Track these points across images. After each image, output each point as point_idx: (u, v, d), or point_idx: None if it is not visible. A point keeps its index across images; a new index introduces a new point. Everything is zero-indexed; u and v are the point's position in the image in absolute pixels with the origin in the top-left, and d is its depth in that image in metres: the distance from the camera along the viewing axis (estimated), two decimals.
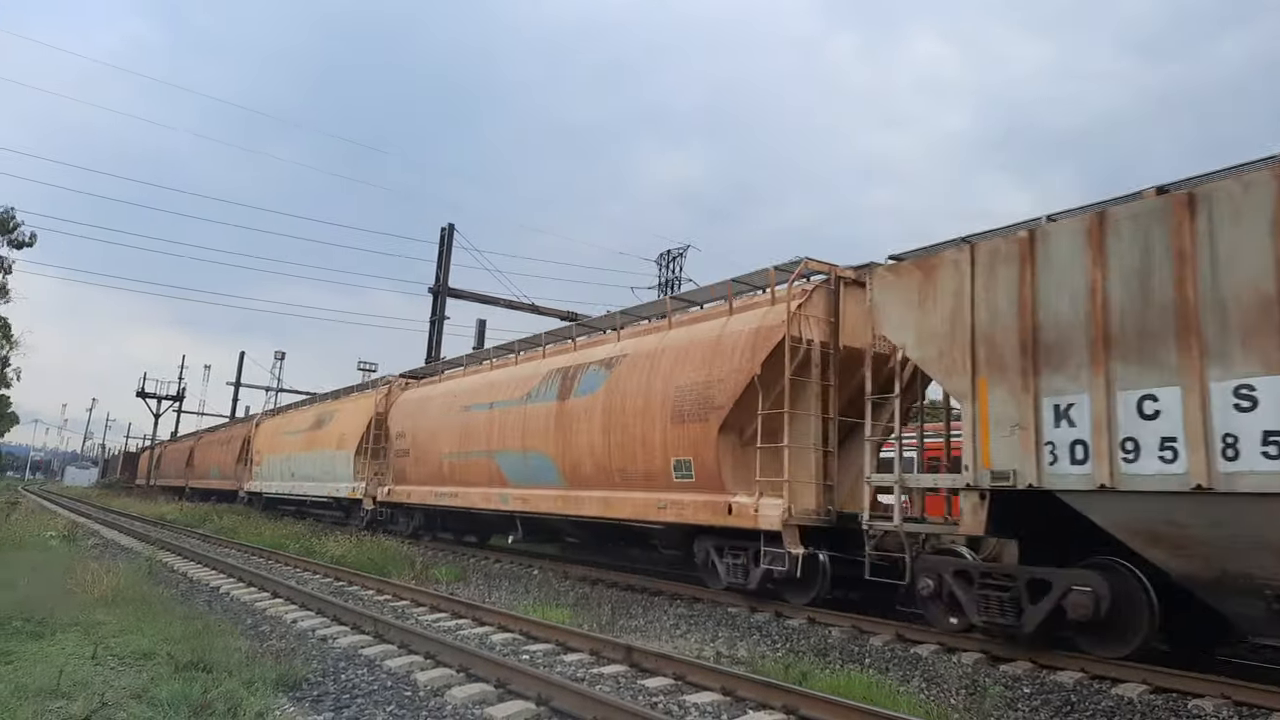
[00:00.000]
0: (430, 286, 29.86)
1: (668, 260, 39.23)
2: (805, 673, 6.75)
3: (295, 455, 26.83)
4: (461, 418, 16.94)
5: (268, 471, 29.51)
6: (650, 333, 13.24)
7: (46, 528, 18.59)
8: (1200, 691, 6.44)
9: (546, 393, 14.34)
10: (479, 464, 16.17)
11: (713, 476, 10.82)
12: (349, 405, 24.39)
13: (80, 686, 5.48)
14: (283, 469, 27.88)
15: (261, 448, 30.66)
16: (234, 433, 37.46)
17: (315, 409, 27.46)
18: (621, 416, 12.36)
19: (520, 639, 8.18)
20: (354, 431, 22.57)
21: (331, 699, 5.87)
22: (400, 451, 19.65)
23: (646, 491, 11.92)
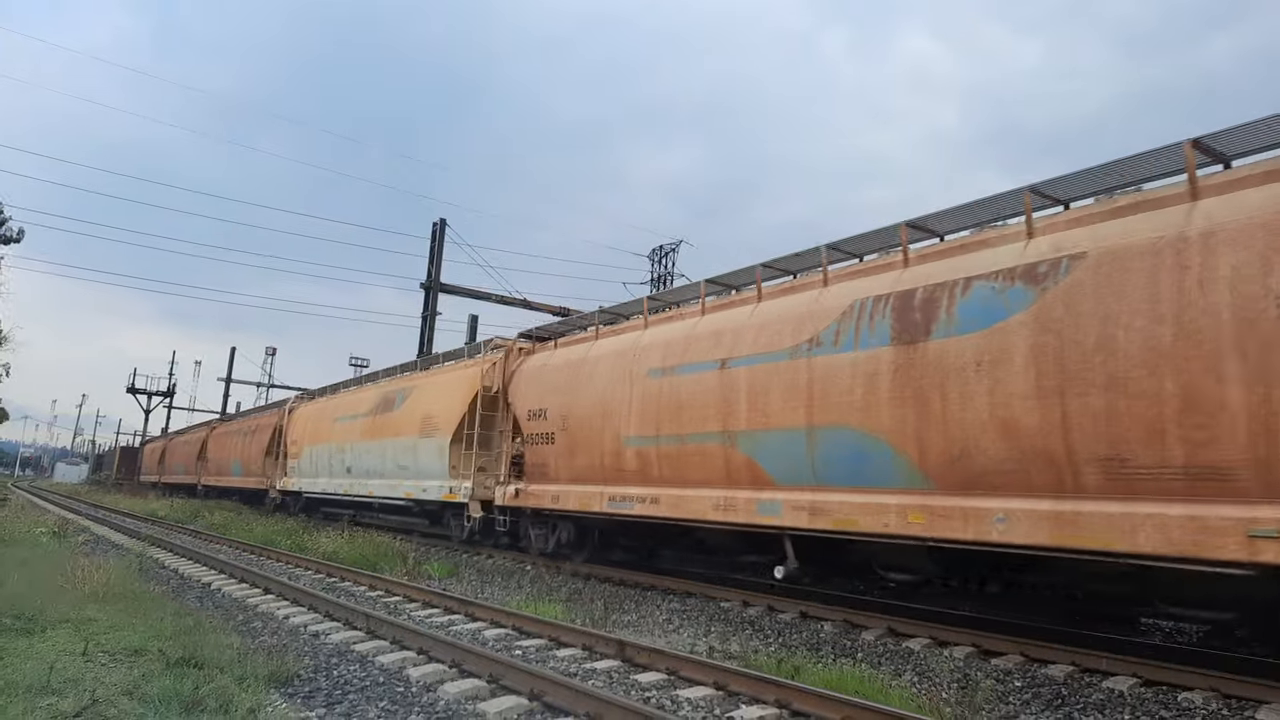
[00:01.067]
0: (422, 282, 29.77)
1: (660, 256, 39.21)
2: (798, 667, 6.78)
3: (351, 446, 21.44)
4: (657, 385, 11.43)
5: (309, 466, 24.38)
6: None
7: (36, 524, 18.50)
8: (1190, 684, 6.48)
9: (863, 334, 8.85)
10: (704, 453, 10.57)
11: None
12: (438, 380, 18.43)
13: (71, 683, 5.45)
14: (332, 463, 22.64)
15: (299, 438, 25.36)
16: (261, 421, 31.28)
17: (378, 387, 21.72)
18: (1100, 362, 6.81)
19: (513, 634, 8.18)
20: (448, 413, 16.81)
21: (324, 695, 5.87)
22: (537, 437, 14.04)
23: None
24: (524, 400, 14.72)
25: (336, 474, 22.40)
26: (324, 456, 23.31)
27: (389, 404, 19.82)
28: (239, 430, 33.87)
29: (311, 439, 24.45)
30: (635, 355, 12.25)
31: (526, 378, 15.09)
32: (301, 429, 25.55)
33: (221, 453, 35.06)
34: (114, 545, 16.66)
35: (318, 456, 23.80)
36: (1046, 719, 5.91)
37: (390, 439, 19.20)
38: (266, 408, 35.79)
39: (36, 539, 15.46)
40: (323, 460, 23.41)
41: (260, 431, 29.86)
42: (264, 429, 29.53)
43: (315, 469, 24.04)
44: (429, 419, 17.48)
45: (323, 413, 24.68)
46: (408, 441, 18.31)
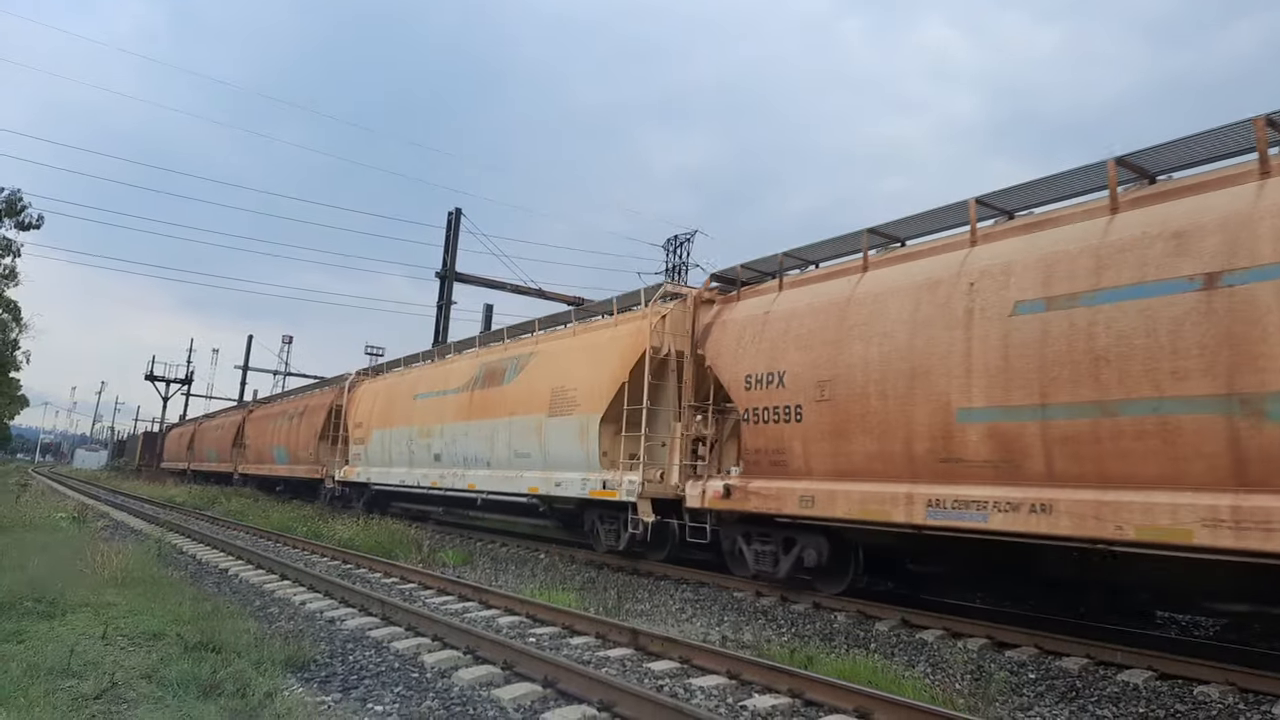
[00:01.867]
0: (438, 271, 29.84)
1: (675, 245, 39.13)
2: (811, 657, 6.78)
3: (441, 429, 17.59)
4: (1036, 326, 7.48)
5: (379, 453, 20.64)
6: None
7: (56, 509, 18.72)
8: (1206, 678, 6.43)
9: None
10: (1169, 431, 6.56)
11: None
12: (576, 343, 14.48)
13: (91, 666, 5.52)
14: (412, 450, 18.84)
15: (365, 419, 21.62)
16: (312, 401, 27.30)
17: (476, 357, 17.83)
18: None
19: (527, 622, 8.22)
20: (594, 384, 12.98)
21: (340, 680, 5.92)
22: (765, 414, 10.14)
23: None
24: (735, 363, 10.68)
25: (419, 463, 18.50)
26: (400, 442, 19.43)
27: (496, 376, 15.99)
28: (284, 412, 29.63)
29: (382, 421, 20.62)
30: (973, 283, 8.16)
31: (736, 331, 10.92)
32: (368, 409, 21.69)
33: (262, 438, 30.89)
34: (132, 531, 16.83)
35: (391, 442, 19.97)
36: (1061, 711, 5.89)
37: (501, 419, 15.32)
38: (317, 385, 30.97)
39: (56, 524, 15.64)
40: (399, 446, 19.52)
41: (312, 413, 25.93)
42: (316, 410, 25.60)
43: (388, 456, 20.18)
44: (564, 393, 13.66)
45: (396, 390, 20.72)
46: (530, 421, 14.42)
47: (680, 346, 12.19)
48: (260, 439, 31.20)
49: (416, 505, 21.02)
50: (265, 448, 30.32)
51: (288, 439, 27.77)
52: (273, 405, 33.47)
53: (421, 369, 20.75)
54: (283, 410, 30.12)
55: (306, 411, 26.76)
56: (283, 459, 28.23)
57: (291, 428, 27.55)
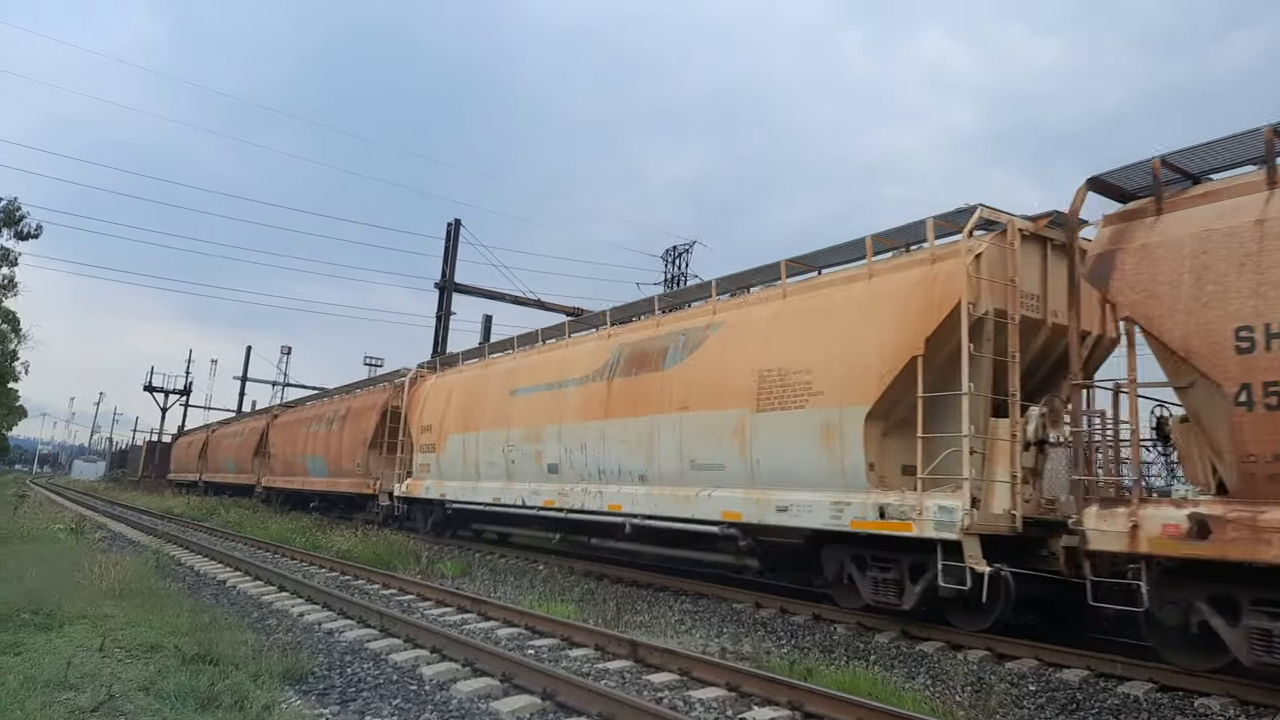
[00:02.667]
0: (437, 282, 29.87)
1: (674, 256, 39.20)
2: (810, 669, 6.76)
3: (561, 431, 13.73)
4: None
5: (457, 464, 16.88)
6: None
7: (54, 521, 18.68)
8: (1206, 690, 6.42)
9: None
10: None
11: None
12: (792, 305, 10.55)
13: (88, 678, 5.50)
14: (513, 459, 14.96)
15: (437, 422, 18.02)
16: (356, 403, 23.64)
17: (609, 336, 13.80)
18: None
19: (526, 634, 8.20)
20: (855, 362, 9.15)
21: (338, 692, 5.90)
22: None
23: None
24: (1201, 307, 6.57)
25: (522, 475, 14.66)
26: (491, 448, 15.71)
27: (649, 359, 12.08)
28: (320, 416, 25.78)
29: (461, 423, 16.95)
30: None
31: (1196, 257, 6.74)
32: (438, 410, 18.06)
33: (292, 446, 27.41)
34: (130, 542, 16.79)
35: (478, 449, 16.21)
36: None
37: (665, 416, 11.40)
38: (364, 384, 26.53)
39: (54, 535, 15.63)
40: (489, 454, 15.78)
41: (359, 416, 22.44)
42: (364, 413, 22.16)
43: (471, 468, 16.41)
44: (784, 377, 9.81)
45: (481, 384, 16.96)
46: (720, 420, 10.56)
47: (998, 302, 8.39)
48: (289, 447, 27.60)
49: (516, 530, 16.34)
50: (296, 458, 26.80)
51: (326, 447, 24.18)
52: (304, 409, 29.48)
53: (515, 357, 16.70)
54: (318, 414, 26.29)
55: (351, 415, 23.08)
56: (320, 470, 24.78)
57: (331, 435, 23.93)
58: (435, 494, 17.75)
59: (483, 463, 16.10)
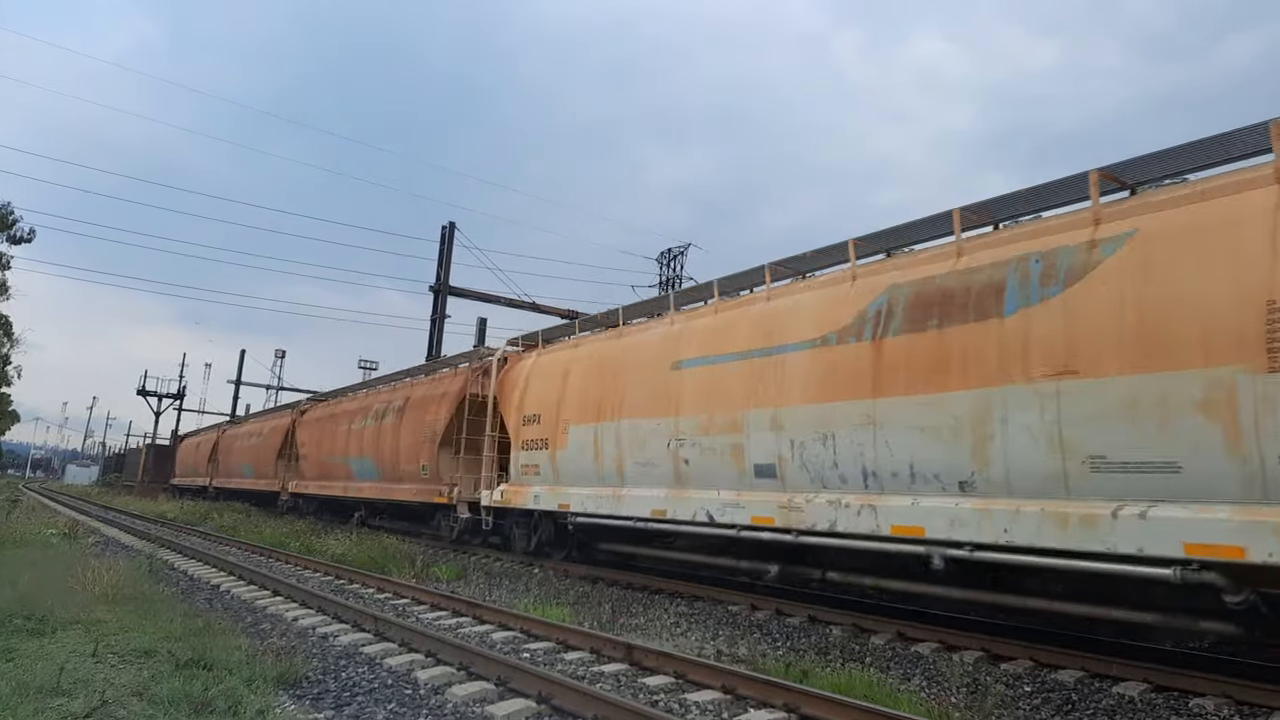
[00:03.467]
0: (431, 285, 29.84)
1: (669, 259, 39.24)
2: (806, 671, 6.76)
3: (779, 415, 9.63)
4: None
5: (585, 465, 12.84)
6: None
7: (47, 525, 18.61)
8: (1202, 690, 6.43)
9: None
10: None
11: None
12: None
13: (81, 684, 5.47)
14: (683, 457, 10.96)
15: (546, 409, 13.95)
16: (418, 390, 19.38)
17: (854, 278, 9.53)
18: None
19: (521, 637, 8.18)
20: None
21: (332, 697, 5.88)
22: None
23: None
24: None
25: (704, 479, 10.63)
26: (645, 442, 11.55)
27: (966, 302, 8.00)
28: (366, 410, 21.70)
29: (589, 410, 12.84)
30: None
31: None
32: (549, 394, 13.92)
33: (326, 445, 23.55)
34: (124, 547, 16.72)
35: (619, 443, 12.03)
36: None
37: (1017, 388, 7.39)
38: (426, 369, 21.57)
39: (47, 540, 15.56)
40: (645, 449, 11.55)
41: (422, 408, 18.31)
42: (431, 404, 17.98)
43: (606, 469, 12.26)
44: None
45: (619, 357, 12.80)
46: (1165, 388, 6.41)
47: None
48: (324, 447, 23.66)
49: (690, 555, 11.86)
50: (334, 459, 22.86)
51: (377, 446, 20.25)
52: (342, 401, 24.79)
53: (673, 320, 12.22)
54: (363, 407, 22.16)
55: (412, 407, 18.89)
56: (368, 474, 20.85)
57: (383, 431, 20.03)
58: (549, 504, 13.49)
59: (630, 463, 11.74)
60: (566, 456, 13.26)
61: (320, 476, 24.12)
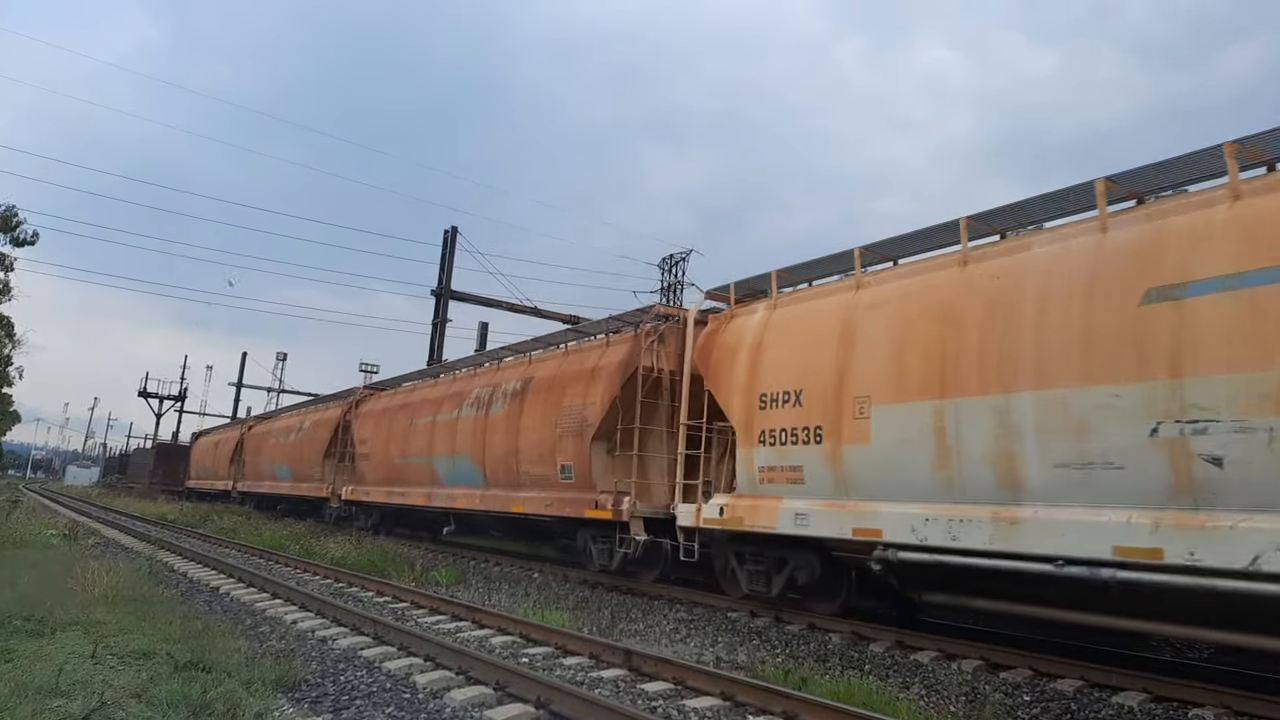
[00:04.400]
0: (433, 289, 29.86)
1: (670, 264, 39.26)
2: (805, 678, 6.75)
3: None
4: None
5: (911, 466, 8.20)
6: None
7: (47, 526, 18.62)
8: (1201, 700, 6.42)
9: None
10: None
11: None
12: None
13: (80, 685, 5.47)
14: (1230, 461, 5.88)
15: (806, 384, 9.55)
16: (568, 364, 14.33)
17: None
18: None
19: (520, 642, 8.17)
20: None
21: (331, 700, 5.88)
22: None
23: None
24: None
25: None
26: (1111, 428, 6.65)
27: None
28: (457, 396, 17.10)
29: (938, 379, 8.14)
30: None
31: None
32: (824, 356, 9.46)
33: (399, 443, 18.86)
34: (123, 548, 16.72)
35: (1018, 433, 7.34)
36: None
37: None
38: (567, 336, 15.54)
39: (47, 541, 15.56)
40: (1103, 441, 6.70)
41: (555, 390, 13.85)
42: (571, 383, 13.52)
43: (980, 475, 7.63)
44: None
45: (1031, 284, 7.60)
46: None
47: None
48: (394, 445, 19.08)
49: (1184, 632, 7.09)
50: (409, 460, 18.32)
51: (480, 443, 15.56)
52: (416, 388, 20.28)
53: (1096, 228, 7.37)
54: (452, 394, 17.42)
55: (540, 388, 14.34)
56: (467, 478, 16.08)
57: (491, 423, 15.30)
58: (830, 527, 8.96)
59: (1043, 464, 7.12)
60: (870, 455, 8.69)
61: (388, 481, 19.33)
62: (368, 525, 20.85)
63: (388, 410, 20.65)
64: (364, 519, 21.31)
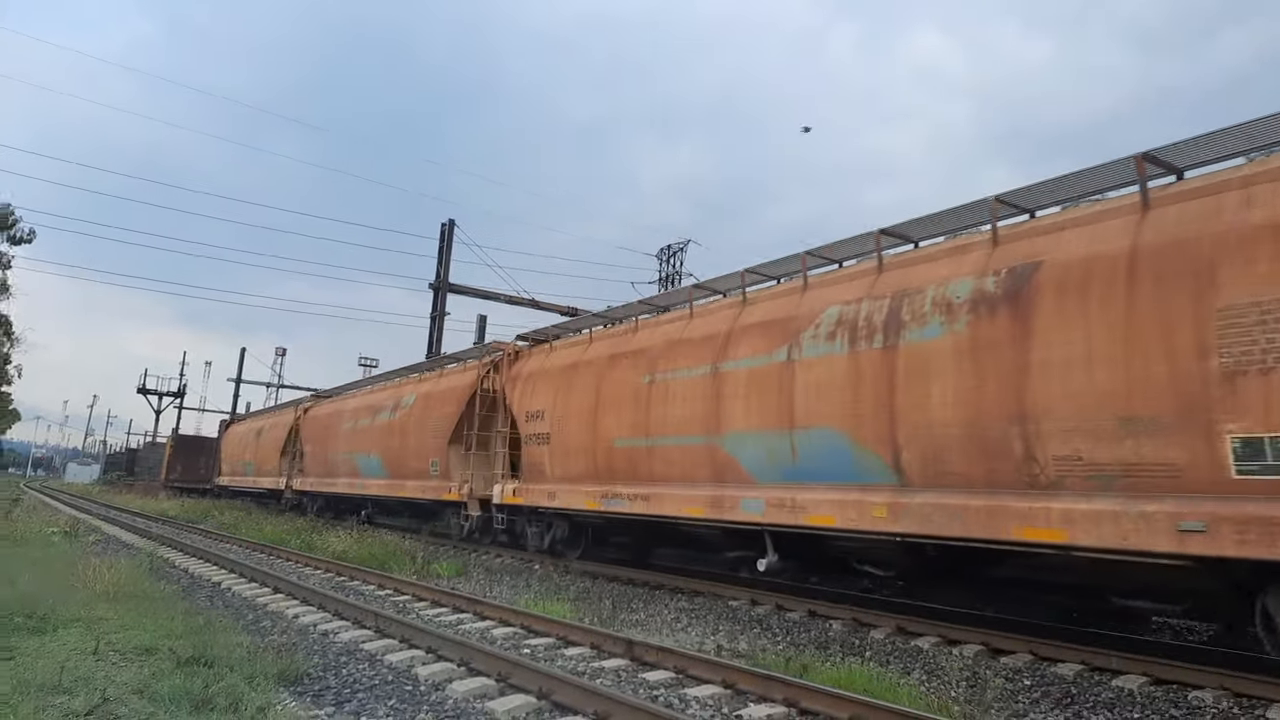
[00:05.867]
0: (431, 282, 29.82)
1: (668, 255, 39.22)
2: (806, 665, 6.77)
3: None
4: None
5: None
6: None
7: (48, 524, 18.63)
8: (1200, 683, 6.44)
9: None
10: None
11: None
12: None
13: (82, 682, 5.48)
14: None
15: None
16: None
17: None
18: None
19: (521, 633, 8.19)
20: None
21: (333, 693, 5.89)
22: None
23: None
24: None
25: None
26: None
27: None
28: (718, 337, 10.77)
29: None
30: None
31: None
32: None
33: (653, 408, 11.35)
34: (124, 545, 16.73)
35: None
36: (1056, 718, 5.89)
37: None
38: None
39: (48, 538, 15.58)
40: None
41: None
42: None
43: None
44: None
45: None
46: None
47: None
48: (631, 412, 11.80)
49: None
50: (670, 460, 11.16)
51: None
52: (662, 322, 12.55)
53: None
54: (722, 333, 10.81)
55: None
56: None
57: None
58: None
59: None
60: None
61: (650, 479, 11.51)
62: (561, 544, 14.56)
63: (571, 365, 14.16)
64: (557, 536, 14.59)
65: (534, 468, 14.20)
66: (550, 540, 14.58)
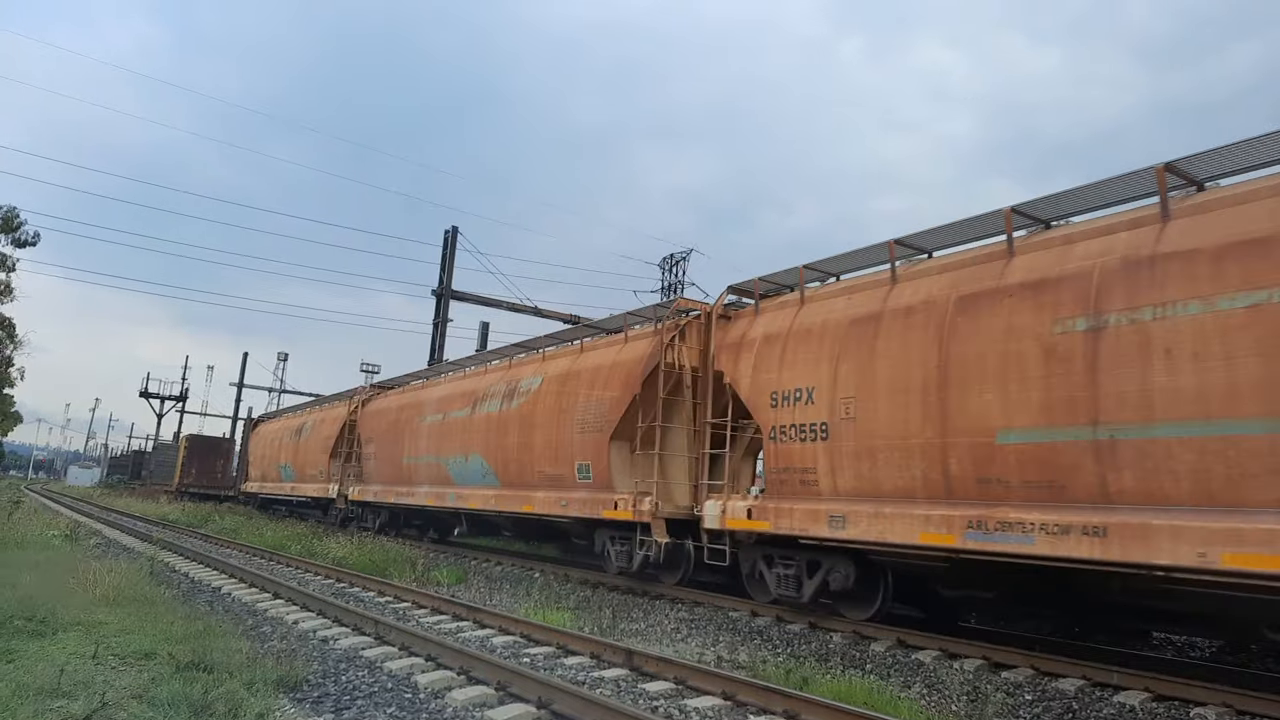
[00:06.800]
0: (434, 289, 29.86)
1: (670, 264, 39.26)
2: (806, 678, 6.75)
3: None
4: None
5: None
6: None
7: (49, 527, 18.61)
8: (1202, 699, 6.41)
9: None
10: None
11: None
12: None
13: (81, 686, 5.47)
14: None
15: None
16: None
17: None
18: None
19: (521, 642, 8.17)
20: None
21: (332, 700, 5.87)
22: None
23: None
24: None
25: None
26: None
27: None
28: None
29: None
30: None
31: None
32: None
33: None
34: (125, 549, 16.72)
35: None
36: None
37: None
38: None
39: (49, 542, 15.55)
40: None
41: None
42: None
43: None
44: None
45: None
46: None
47: None
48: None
49: None
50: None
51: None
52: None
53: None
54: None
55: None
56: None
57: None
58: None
59: None
60: None
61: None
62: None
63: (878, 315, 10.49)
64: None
65: (787, 477, 9.68)
66: (816, 588, 9.60)
